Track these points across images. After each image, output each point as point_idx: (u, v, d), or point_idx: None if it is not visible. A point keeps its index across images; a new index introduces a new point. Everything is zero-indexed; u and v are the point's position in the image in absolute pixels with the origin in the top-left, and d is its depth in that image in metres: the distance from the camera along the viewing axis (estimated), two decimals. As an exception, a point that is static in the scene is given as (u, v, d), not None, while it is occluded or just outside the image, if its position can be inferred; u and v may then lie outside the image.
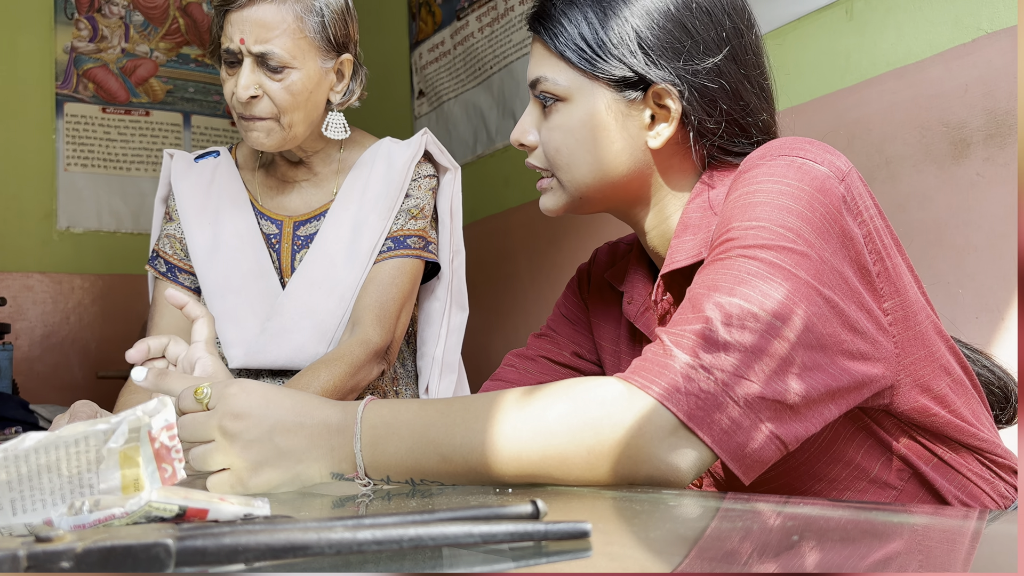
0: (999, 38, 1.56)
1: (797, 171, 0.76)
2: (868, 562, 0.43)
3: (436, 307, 1.58)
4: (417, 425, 0.73)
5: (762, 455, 0.69)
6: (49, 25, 3.42)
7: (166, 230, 1.56)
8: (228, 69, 1.40)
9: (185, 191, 1.54)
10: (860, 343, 0.74)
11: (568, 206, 0.94)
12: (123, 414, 0.53)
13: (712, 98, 0.86)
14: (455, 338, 1.59)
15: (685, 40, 0.85)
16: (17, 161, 3.32)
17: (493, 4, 3.06)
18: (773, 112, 0.93)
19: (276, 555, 0.42)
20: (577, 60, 0.87)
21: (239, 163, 1.58)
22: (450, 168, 1.55)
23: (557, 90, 0.89)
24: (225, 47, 1.38)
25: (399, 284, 1.45)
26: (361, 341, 1.36)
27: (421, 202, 1.50)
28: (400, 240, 1.47)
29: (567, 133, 0.89)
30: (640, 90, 0.87)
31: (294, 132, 1.41)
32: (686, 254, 0.85)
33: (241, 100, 1.37)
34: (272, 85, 1.37)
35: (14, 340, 3.24)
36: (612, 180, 0.90)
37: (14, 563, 0.39)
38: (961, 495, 0.84)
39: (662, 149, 0.89)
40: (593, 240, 1.65)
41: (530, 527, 0.46)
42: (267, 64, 1.36)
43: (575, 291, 1.11)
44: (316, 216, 1.51)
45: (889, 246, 0.79)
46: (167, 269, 1.53)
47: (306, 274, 1.45)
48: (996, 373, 0.97)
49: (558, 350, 1.08)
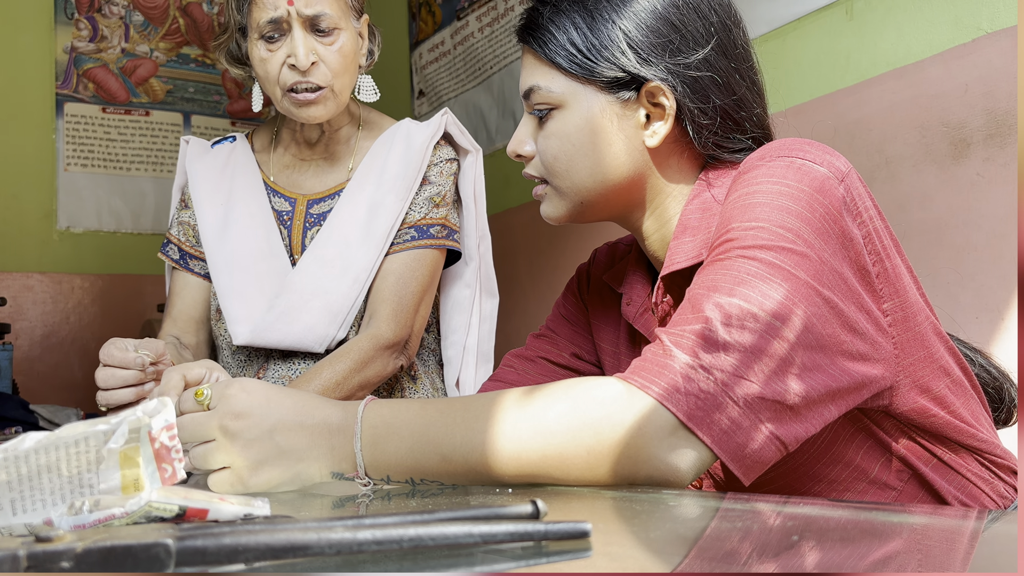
0: (999, 38, 1.56)
1: (796, 172, 0.76)
2: (867, 562, 0.43)
3: (465, 294, 1.54)
4: (417, 425, 0.73)
5: (762, 455, 0.69)
6: (49, 25, 3.41)
7: (179, 217, 1.56)
8: (268, 45, 1.35)
9: (199, 173, 1.53)
10: (860, 344, 0.74)
11: (570, 213, 0.93)
12: (123, 414, 0.53)
13: (704, 92, 0.86)
14: (488, 326, 1.55)
15: (673, 36, 0.86)
16: (17, 161, 3.32)
17: (493, 4, 3.06)
18: (765, 107, 0.93)
19: (276, 555, 0.42)
20: (568, 65, 0.88)
21: (255, 147, 1.57)
22: (471, 150, 1.52)
23: (551, 98, 0.89)
24: (267, 19, 1.32)
25: (418, 276, 1.42)
26: (371, 335, 1.34)
27: (442, 189, 1.46)
28: (423, 229, 1.44)
29: (563, 139, 0.89)
30: (633, 90, 0.87)
31: (341, 99, 1.39)
32: (686, 256, 0.85)
33: (304, 66, 1.32)
34: (325, 50, 1.34)
35: (14, 340, 3.24)
36: (612, 183, 0.90)
37: (14, 563, 0.39)
38: (961, 496, 0.84)
39: (660, 149, 0.89)
40: (593, 240, 1.65)
41: (530, 527, 0.46)
42: (317, 28, 1.33)
43: (574, 292, 1.10)
44: (331, 195, 1.48)
45: (888, 247, 0.79)
46: (179, 256, 1.53)
47: (317, 253, 1.42)
48: (992, 373, 0.97)
49: (557, 351, 1.08)
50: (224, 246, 1.46)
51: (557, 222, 0.95)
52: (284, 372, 1.41)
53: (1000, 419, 0.97)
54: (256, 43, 1.36)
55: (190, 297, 1.51)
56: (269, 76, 1.37)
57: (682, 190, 0.91)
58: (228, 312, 1.42)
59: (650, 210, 0.92)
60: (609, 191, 0.90)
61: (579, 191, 0.91)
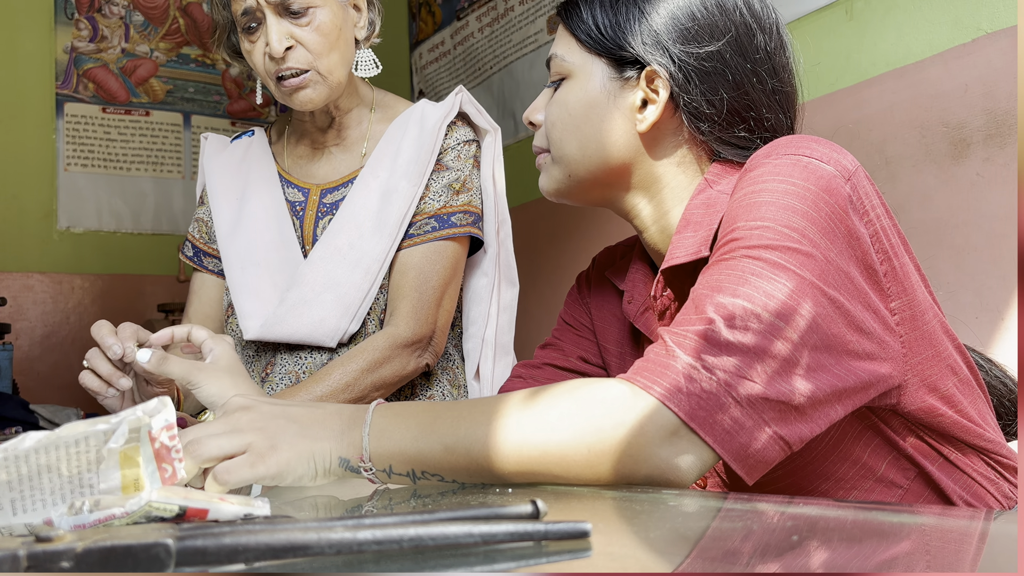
0: (999, 38, 1.56)
1: (803, 170, 0.76)
2: (871, 563, 0.43)
3: (484, 284, 1.47)
4: (424, 416, 0.74)
5: (765, 455, 0.69)
6: (49, 25, 3.41)
7: (197, 214, 1.55)
8: (249, 37, 1.33)
9: (216, 169, 1.52)
10: (866, 343, 0.73)
11: (559, 187, 0.94)
12: (123, 414, 0.53)
13: (713, 84, 0.87)
14: (507, 316, 1.49)
15: (690, 25, 0.87)
16: (17, 161, 3.32)
17: (493, 4, 3.06)
18: (788, 116, 0.92)
19: (276, 555, 0.42)
20: (585, 38, 0.91)
21: (272, 139, 1.55)
22: (490, 130, 1.46)
23: (563, 67, 0.93)
24: (241, 11, 1.31)
25: (440, 270, 1.36)
26: (388, 334, 1.30)
27: (462, 174, 1.40)
28: (443, 219, 1.38)
29: (563, 107, 0.92)
30: (636, 71, 0.89)
31: (336, 78, 1.35)
32: (687, 250, 0.85)
33: (278, 54, 1.29)
34: (301, 32, 1.31)
35: (14, 340, 3.24)
36: (601, 161, 0.91)
37: (14, 563, 0.39)
38: (966, 495, 0.83)
39: (653, 136, 0.90)
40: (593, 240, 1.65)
41: (530, 527, 0.46)
42: (290, 10, 1.30)
43: (576, 298, 1.10)
44: (344, 183, 1.44)
45: (896, 245, 0.79)
46: (193, 253, 1.52)
47: (330, 243, 1.38)
48: (1008, 385, 0.97)
49: (564, 356, 1.08)
50: (237, 240, 1.44)
51: (550, 196, 0.97)
52: (291, 367, 1.37)
53: (1012, 432, 0.96)
54: (241, 37, 1.35)
55: (206, 296, 1.50)
56: (257, 69, 1.35)
57: (683, 183, 0.91)
58: (239, 307, 1.40)
59: (644, 198, 0.93)
60: (597, 168, 0.91)
61: (569, 162, 0.92)
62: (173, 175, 3.57)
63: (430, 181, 1.40)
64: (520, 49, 2.92)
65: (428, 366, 1.36)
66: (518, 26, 2.93)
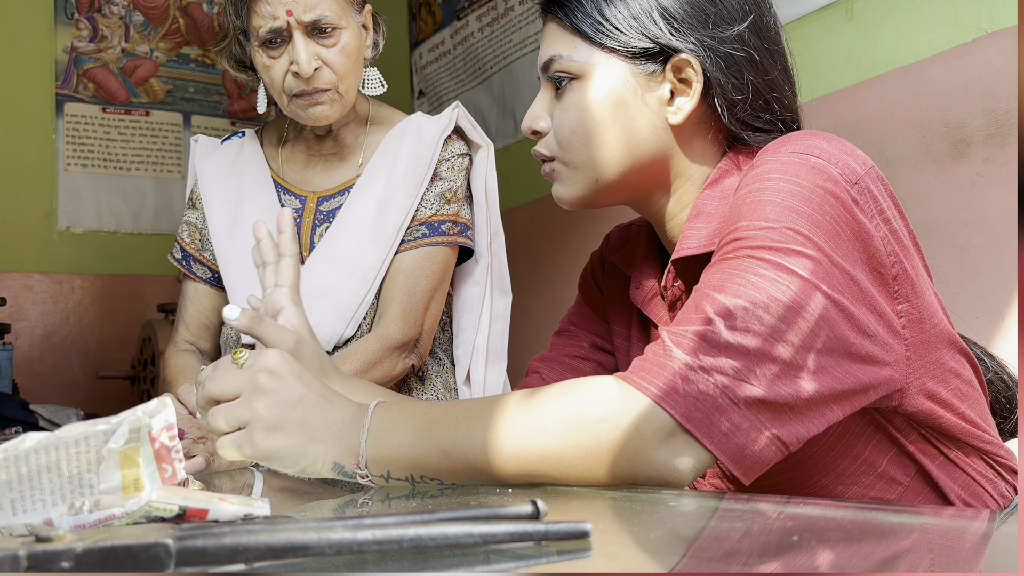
0: (999, 38, 1.55)
1: (810, 171, 0.74)
2: (871, 562, 0.43)
3: (475, 292, 1.51)
4: (421, 421, 0.74)
5: (763, 456, 0.69)
6: (49, 25, 3.41)
7: (187, 217, 1.55)
8: (269, 52, 1.34)
9: (208, 171, 1.52)
10: (869, 346, 0.73)
11: (585, 194, 0.89)
12: (123, 414, 0.53)
13: (739, 68, 0.84)
14: (500, 325, 1.52)
15: (710, 8, 0.84)
16: (17, 161, 3.32)
17: (493, 4, 3.06)
18: (795, 92, 0.91)
19: (276, 555, 0.42)
20: (593, 33, 0.85)
21: (263, 142, 1.56)
22: (483, 145, 1.49)
23: (572, 67, 0.86)
24: (268, 28, 1.32)
25: (428, 274, 1.40)
26: (379, 336, 1.33)
27: (454, 184, 1.44)
28: (434, 226, 1.42)
29: (583, 111, 0.85)
30: (659, 63, 0.84)
31: (349, 97, 1.38)
32: (698, 242, 0.83)
33: (307, 74, 1.32)
34: (328, 53, 1.33)
35: (14, 340, 3.24)
36: (632, 162, 0.86)
37: (14, 563, 0.39)
38: (964, 494, 0.83)
39: (684, 128, 0.86)
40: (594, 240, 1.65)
41: (530, 527, 0.46)
42: (319, 31, 1.32)
43: (589, 280, 1.08)
44: (341, 191, 1.46)
45: (908, 247, 0.78)
46: (183, 257, 1.53)
47: (327, 251, 1.41)
48: (1005, 381, 0.97)
49: (577, 343, 1.06)
50: (233, 245, 1.45)
51: (570, 205, 0.90)
52: None
53: (1007, 430, 0.96)
54: (257, 50, 1.36)
55: (200, 303, 1.51)
56: (274, 84, 1.37)
57: (703, 172, 0.88)
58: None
59: (670, 194, 0.89)
60: (629, 170, 0.87)
61: (596, 168, 0.86)
62: (173, 175, 3.57)
63: (424, 191, 1.43)
64: (520, 49, 2.92)
65: (414, 367, 1.40)
66: (518, 26, 2.92)
